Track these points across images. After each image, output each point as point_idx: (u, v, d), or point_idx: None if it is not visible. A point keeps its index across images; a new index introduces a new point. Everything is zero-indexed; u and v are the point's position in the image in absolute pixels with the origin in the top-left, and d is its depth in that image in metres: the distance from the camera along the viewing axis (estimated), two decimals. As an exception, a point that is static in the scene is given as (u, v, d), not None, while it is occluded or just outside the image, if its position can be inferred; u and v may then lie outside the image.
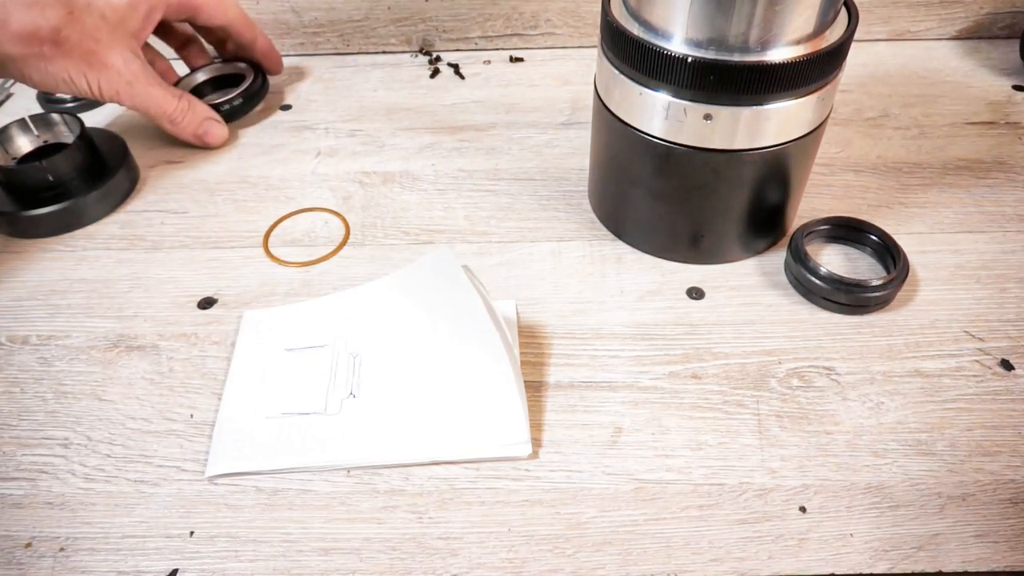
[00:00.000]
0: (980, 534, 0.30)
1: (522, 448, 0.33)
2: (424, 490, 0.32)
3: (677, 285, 0.41)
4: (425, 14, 0.60)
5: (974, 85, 0.56)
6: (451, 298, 0.37)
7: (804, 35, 0.33)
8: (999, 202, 0.45)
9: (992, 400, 0.35)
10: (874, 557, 0.30)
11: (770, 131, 0.35)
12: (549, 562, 0.30)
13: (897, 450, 0.33)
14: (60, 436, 0.35)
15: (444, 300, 0.37)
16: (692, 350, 0.38)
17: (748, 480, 0.32)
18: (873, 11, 0.59)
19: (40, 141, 0.49)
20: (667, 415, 0.35)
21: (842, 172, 0.48)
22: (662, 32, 0.34)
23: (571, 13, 0.60)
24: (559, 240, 0.44)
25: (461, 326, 0.36)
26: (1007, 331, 0.38)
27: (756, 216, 0.40)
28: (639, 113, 0.36)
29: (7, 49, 0.43)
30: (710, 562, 0.30)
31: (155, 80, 0.48)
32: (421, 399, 0.35)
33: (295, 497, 0.32)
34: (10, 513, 0.32)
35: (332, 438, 0.34)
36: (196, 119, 0.51)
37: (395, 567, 0.30)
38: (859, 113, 0.53)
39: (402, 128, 0.54)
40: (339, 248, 0.44)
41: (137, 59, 0.47)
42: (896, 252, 0.40)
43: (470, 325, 0.36)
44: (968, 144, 0.50)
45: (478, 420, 0.34)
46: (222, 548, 0.31)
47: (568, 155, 0.50)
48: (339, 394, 0.35)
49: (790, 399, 0.35)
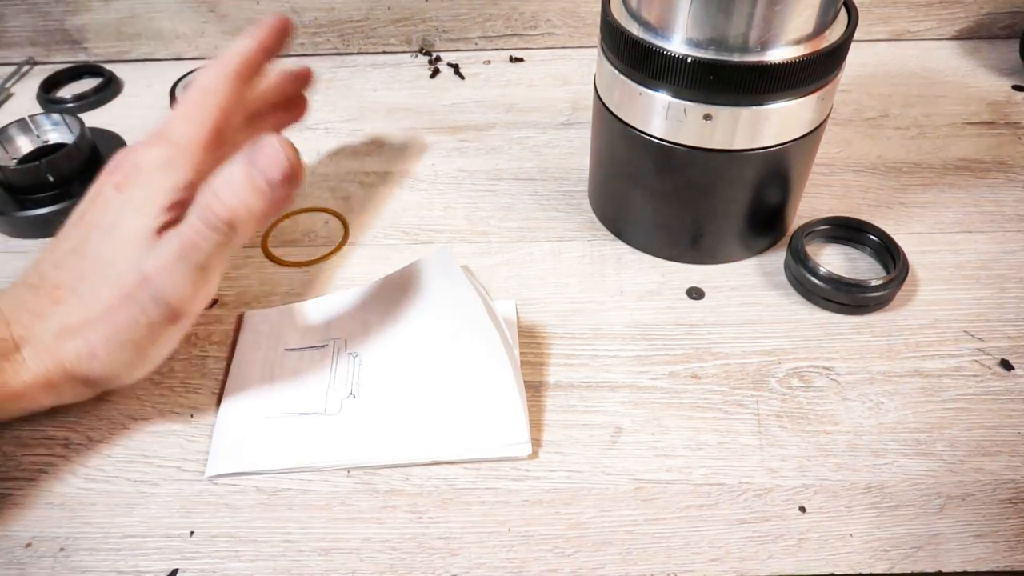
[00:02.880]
0: (980, 534, 0.30)
1: (522, 448, 0.33)
2: (424, 490, 0.32)
3: (677, 285, 0.41)
4: (425, 14, 0.60)
5: (974, 85, 0.56)
6: (451, 298, 0.37)
7: (804, 35, 0.33)
8: (999, 202, 0.45)
9: (992, 400, 0.35)
10: (874, 557, 0.30)
11: (770, 131, 0.35)
12: (549, 562, 0.30)
13: (897, 450, 0.33)
14: (60, 436, 0.35)
15: (443, 300, 0.37)
16: (692, 350, 0.38)
17: (748, 480, 0.32)
18: (873, 11, 0.59)
19: (40, 141, 0.49)
20: (667, 415, 0.35)
21: (842, 172, 0.48)
22: (662, 32, 0.34)
23: (571, 13, 0.60)
24: (559, 240, 0.44)
25: (461, 326, 0.36)
26: (1007, 331, 0.38)
27: (756, 216, 0.40)
28: (639, 113, 0.36)
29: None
30: (710, 562, 0.30)
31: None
32: (421, 399, 0.35)
33: (295, 497, 0.32)
34: (10, 513, 0.32)
35: (332, 438, 0.34)
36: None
37: (395, 567, 0.30)
38: (859, 113, 0.53)
39: (402, 128, 0.54)
40: (339, 248, 0.44)
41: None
42: (896, 252, 0.40)
43: (470, 325, 0.36)
44: (968, 144, 0.50)
45: (478, 420, 0.34)
46: (222, 548, 0.31)
47: (568, 155, 0.50)
48: (339, 394, 0.35)
49: (790, 399, 0.35)
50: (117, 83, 0.60)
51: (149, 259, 0.32)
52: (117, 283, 0.32)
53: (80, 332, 0.32)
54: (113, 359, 0.33)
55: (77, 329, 0.32)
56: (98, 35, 0.61)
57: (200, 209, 0.32)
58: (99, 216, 0.34)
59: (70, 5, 0.59)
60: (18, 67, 0.62)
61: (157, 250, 0.32)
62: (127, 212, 0.33)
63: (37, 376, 0.32)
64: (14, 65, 0.62)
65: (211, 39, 0.61)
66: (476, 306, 0.36)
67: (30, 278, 0.34)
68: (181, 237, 0.32)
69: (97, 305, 0.32)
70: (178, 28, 0.61)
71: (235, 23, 0.60)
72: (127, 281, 0.32)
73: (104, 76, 0.59)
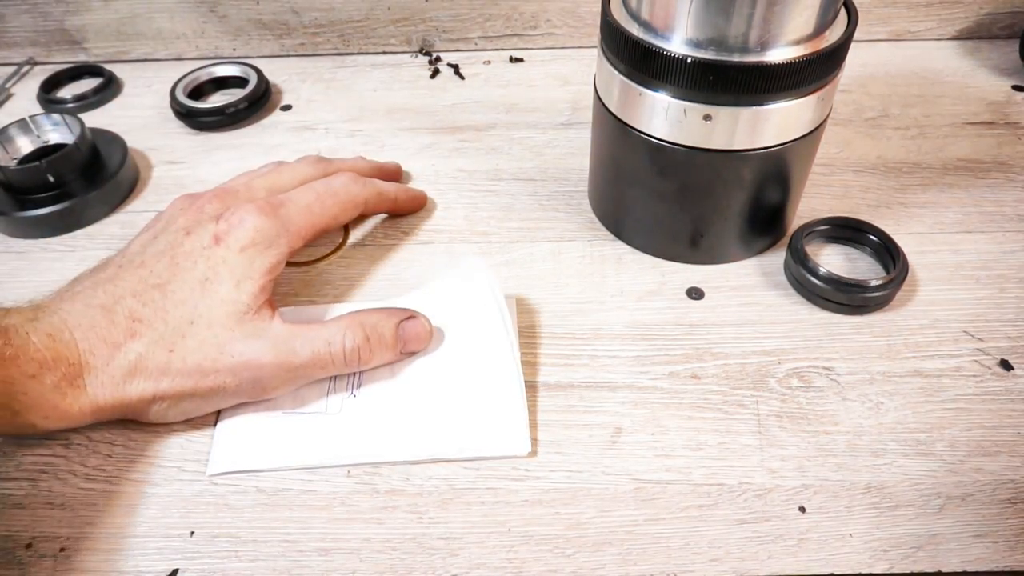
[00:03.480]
0: (979, 534, 0.30)
1: (522, 445, 0.33)
2: (424, 490, 0.32)
3: (677, 285, 0.41)
4: (425, 14, 0.60)
5: (974, 85, 0.56)
6: (468, 303, 0.37)
7: (804, 35, 0.33)
8: (999, 202, 0.45)
9: (991, 400, 0.35)
10: (873, 557, 0.30)
11: (770, 131, 0.35)
12: (549, 562, 0.30)
13: (896, 450, 0.33)
14: (60, 436, 0.35)
15: (460, 306, 0.37)
16: (692, 350, 0.38)
17: (748, 480, 0.32)
18: (873, 11, 0.59)
19: (40, 141, 0.49)
20: (667, 415, 0.35)
21: (842, 172, 0.48)
22: (662, 32, 0.34)
23: (571, 13, 0.60)
24: (559, 240, 0.44)
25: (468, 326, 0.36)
26: (1006, 331, 0.38)
27: (756, 216, 0.40)
28: (639, 113, 0.36)
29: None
30: (710, 562, 0.30)
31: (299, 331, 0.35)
32: (421, 397, 0.35)
33: (295, 497, 0.32)
34: (10, 513, 0.32)
35: (333, 437, 0.34)
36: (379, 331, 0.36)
37: (395, 567, 0.30)
38: (859, 113, 0.53)
39: (402, 128, 0.54)
40: (339, 248, 0.44)
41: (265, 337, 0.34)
42: (896, 252, 0.40)
43: (474, 322, 0.36)
44: (968, 144, 0.50)
45: (478, 417, 0.34)
46: (222, 548, 0.31)
47: (568, 155, 0.50)
48: (340, 394, 0.35)
49: (790, 399, 0.35)
50: (117, 83, 0.60)
51: (264, 348, 0.33)
52: (211, 354, 0.32)
53: (153, 377, 0.32)
54: (176, 410, 0.34)
55: (151, 373, 0.32)
56: (98, 35, 0.61)
57: (346, 333, 0.34)
58: (190, 262, 0.34)
59: (70, 5, 0.59)
60: (18, 67, 0.62)
61: (281, 342, 0.33)
62: (225, 277, 0.34)
63: (94, 404, 0.32)
64: (14, 65, 0.62)
65: (211, 39, 0.61)
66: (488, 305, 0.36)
67: (102, 297, 0.33)
68: (314, 350, 0.34)
69: (182, 363, 0.32)
70: (178, 28, 0.61)
71: (235, 23, 0.60)
72: (226, 359, 0.33)
73: (104, 76, 0.59)
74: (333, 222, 0.39)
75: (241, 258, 0.34)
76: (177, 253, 0.34)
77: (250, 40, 0.62)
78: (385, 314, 0.36)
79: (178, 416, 0.34)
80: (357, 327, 0.34)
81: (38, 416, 0.31)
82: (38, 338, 0.31)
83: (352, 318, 0.35)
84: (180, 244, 0.35)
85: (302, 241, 0.37)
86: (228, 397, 0.34)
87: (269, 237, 0.35)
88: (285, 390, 0.34)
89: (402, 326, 0.35)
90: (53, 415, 0.31)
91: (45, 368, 0.31)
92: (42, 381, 0.31)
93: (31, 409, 0.31)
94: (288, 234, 0.36)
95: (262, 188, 0.39)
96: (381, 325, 0.35)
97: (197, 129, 0.54)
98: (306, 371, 0.34)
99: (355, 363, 0.35)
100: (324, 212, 0.38)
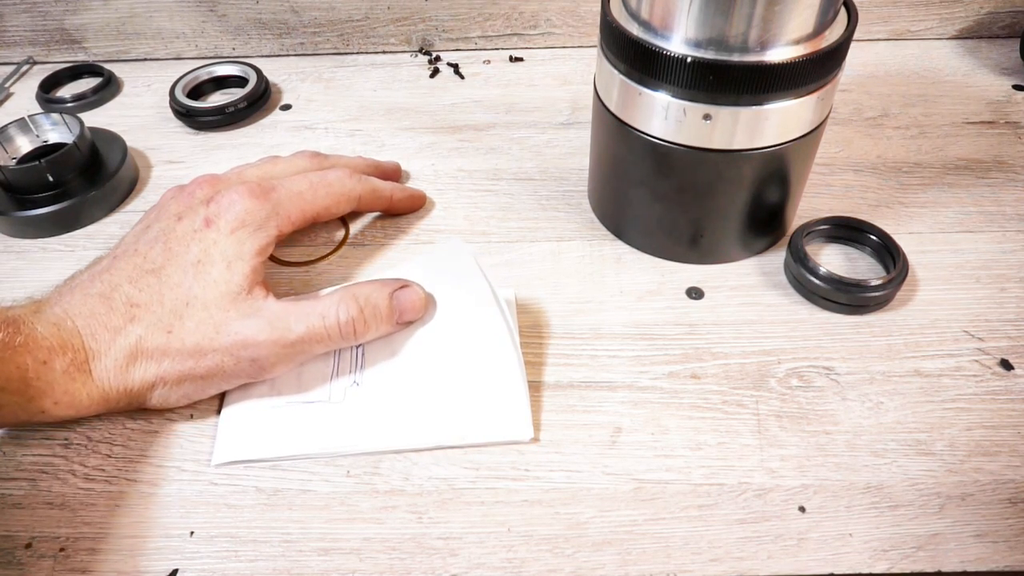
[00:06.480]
0: (979, 534, 0.30)
1: (523, 431, 0.33)
2: (424, 490, 0.32)
3: (677, 285, 0.41)
4: (425, 14, 0.60)
5: (974, 85, 0.56)
6: (457, 283, 0.37)
7: (804, 35, 0.33)
8: (999, 202, 0.45)
9: (991, 400, 0.35)
10: (873, 557, 0.30)
11: (770, 131, 0.35)
12: (549, 562, 0.30)
13: (896, 450, 0.33)
14: (60, 436, 0.35)
15: (449, 286, 0.38)
16: (692, 350, 0.38)
17: (747, 480, 0.32)
18: (873, 11, 0.59)
19: (39, 141, 0.49)
20: (666, 415, 0.35)
21: (842, 172, 0.48)
22: (662, 32, 0.34)
23: (571, 13, 0.60)
24: (559, 240, 0.44)
25: (464, 310, 0.36)
26: (1007, 331, 0.38)
27: (756, 216, 0.40)
28: (639, 113, 0.36)
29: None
30: (709, 562, 0.30)
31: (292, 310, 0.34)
32: (424, 384, 0.35)
33: (295, 497, 0.32)
34: (10, 513, 0.32)
35: (337, 426, 0.34)
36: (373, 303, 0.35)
37: (395, 567, 0.30)
38: (859, 113, 0.53)
39: (402, 128, 0.54)
40: (339, 248, 0.44)
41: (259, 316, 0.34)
42: (896, 252, 0.40)
43: (473, 309, 0.36)
44: (968, 144, 0.50)
45: (480, 403, 0.34)
46: (222, 548, 0.31)
47: (568, 155, 0.50)
48: (343, 383, 0.35)
49: (789, 399, 0.35)
50: (116, 83, 0.60)
51: (259, 326, 0.33)
52: (209, 334, 0.33)
53: (155, 359, 0.33)
54: (178, 393, 0.34)
55: (151, 355, 0.33)
56: (97, 35, 0.61)
57: (339, 306, 0.34)
58: (183, 246, 0.34)
59: (69, 5, 0.59)
60: (18, 67, 0.62)
61: (276, 319, 0.33)
62: (217, 258, 0.34)
63: (101, 391, 0.33)
64: (14, 65, 0.62)
65: (211, 39, 0.61)
66: (482, 292, 0.36)
67: (99, 287, 0.34)
68: (309, 325, 0.34)
69: (181, 344, 0.33)
70: (177, 28, 0.61)
71: (235, 23, 0.60)
72: (223, 338, 0.33)
73: (103, 76, 0.59)
74: (324, 212, 0.40)
75: (232, 240, 0.35)
76: (170, 238, 0.35)
77: (250, 40, 0.62)
78: (378, 285, 0.36)
79: (181, 400, 0.34)
80: (351, 300, 0.34)
81: (49, 402, 0.32)
82: (43, 328, 0.32)
83: (345, 291, 0.35)
84: (172, 230, 0.35)
85: (292, 226, 0.37)
86: (228, 377, 0.34)
87: (259, 219, 0.35)
88: (284, 368, 0.35)
89: (396, 296, 0.35)
90: (63, 400, 0.32)
91: (54, 354, 0.31)
92: (52, 367, 0.31)
93: (44, 394, 0.32)
94: (278, 217, 0.36)
95: (254, 176, 0.40)
96: (375, 296, 0.35)
97: (197, 129, 0.54)
98: (303, 346, 0.34)
99: (351, 335, 0.35)
100: (315, 200, 0.39)
